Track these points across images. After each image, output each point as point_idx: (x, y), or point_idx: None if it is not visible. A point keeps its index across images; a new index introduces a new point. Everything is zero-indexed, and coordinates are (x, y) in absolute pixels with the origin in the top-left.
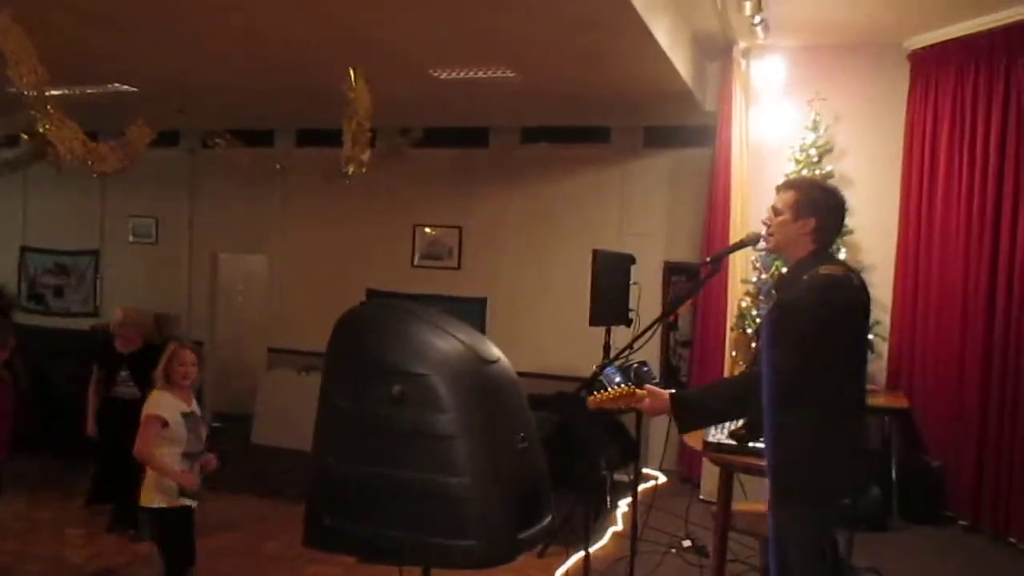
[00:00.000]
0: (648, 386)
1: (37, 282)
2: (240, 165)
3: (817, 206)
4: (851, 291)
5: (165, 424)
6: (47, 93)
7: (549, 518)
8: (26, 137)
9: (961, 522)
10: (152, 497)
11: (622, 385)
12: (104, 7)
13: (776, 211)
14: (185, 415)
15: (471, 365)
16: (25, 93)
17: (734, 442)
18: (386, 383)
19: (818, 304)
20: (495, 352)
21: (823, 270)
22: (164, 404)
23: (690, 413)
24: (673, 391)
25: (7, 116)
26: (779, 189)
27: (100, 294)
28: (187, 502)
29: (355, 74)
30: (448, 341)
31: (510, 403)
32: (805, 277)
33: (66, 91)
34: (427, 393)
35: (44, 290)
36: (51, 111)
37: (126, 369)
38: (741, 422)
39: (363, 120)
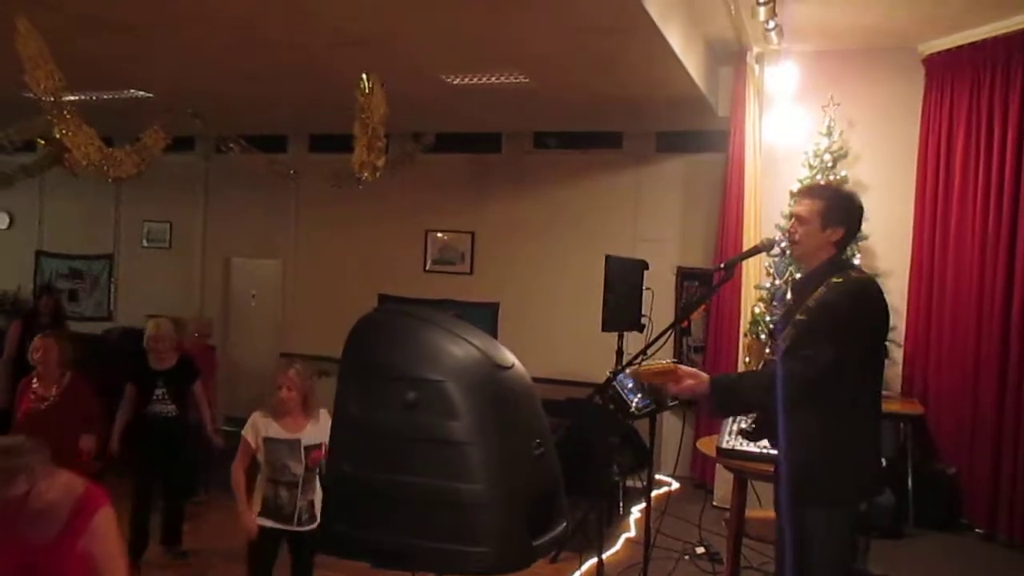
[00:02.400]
0: (687, 368)
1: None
2: (254, 171)
3: (847, 216)
4: (882, 298)
5: (253, 446)
6: (64, 98)
7: (563, 525)
8: (43, 142)
9: (977, 529)
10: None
11: (665, 361)
12: (120, 15)
13: (802, 219)
14: (268, 439)
15: (486, 371)
16: (42, 98)
17: (745, 440)
18: (400, 389)
19: (858, 307)
20: (510, 357)
21: (855, 274)
22: (251, 426)
23: (724, 398)
24: (714, 376)
25: (25, 121)
26: (800, 196)
27: (114, 298)
28: (269, 523)
29: (370, 80)
30: (462, 347)
31: (525, 409)
32: (835, 280)
33: (83, 96)
34: (441, 399)
35: (58, 294)
36: (68, 116)
37: (162, 386)
38: (751, 419)
39: (377, 126)
